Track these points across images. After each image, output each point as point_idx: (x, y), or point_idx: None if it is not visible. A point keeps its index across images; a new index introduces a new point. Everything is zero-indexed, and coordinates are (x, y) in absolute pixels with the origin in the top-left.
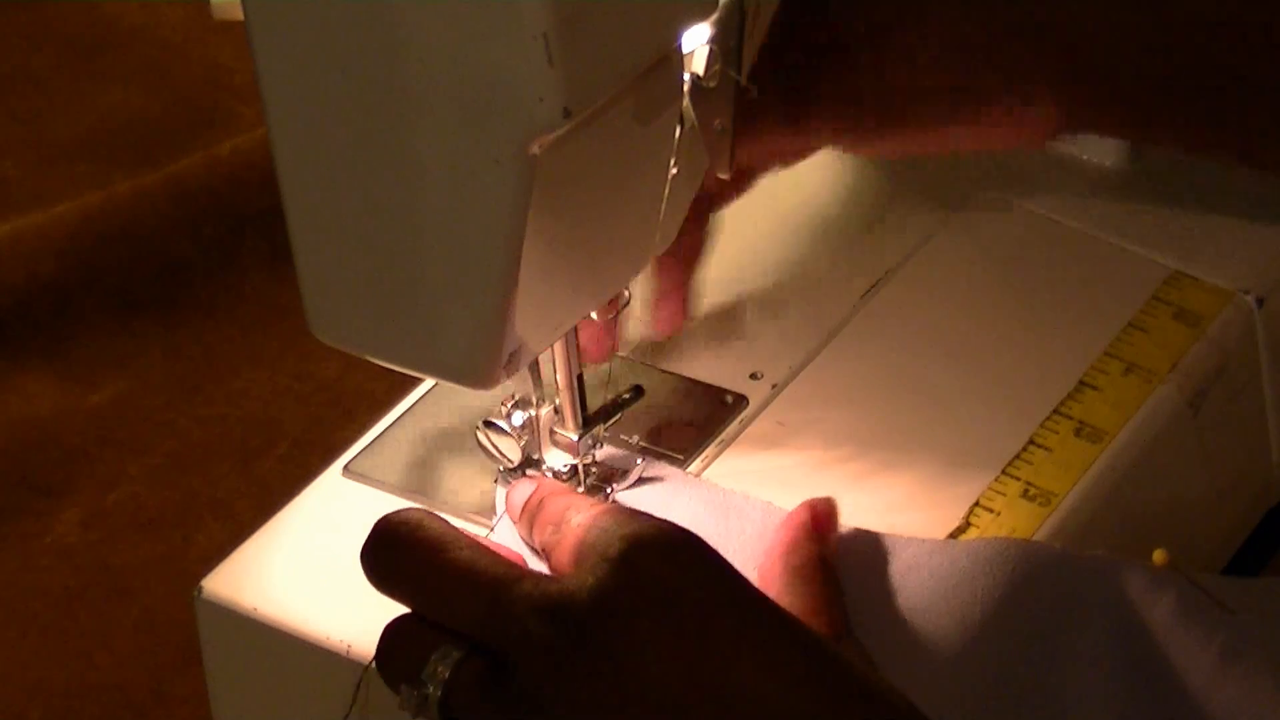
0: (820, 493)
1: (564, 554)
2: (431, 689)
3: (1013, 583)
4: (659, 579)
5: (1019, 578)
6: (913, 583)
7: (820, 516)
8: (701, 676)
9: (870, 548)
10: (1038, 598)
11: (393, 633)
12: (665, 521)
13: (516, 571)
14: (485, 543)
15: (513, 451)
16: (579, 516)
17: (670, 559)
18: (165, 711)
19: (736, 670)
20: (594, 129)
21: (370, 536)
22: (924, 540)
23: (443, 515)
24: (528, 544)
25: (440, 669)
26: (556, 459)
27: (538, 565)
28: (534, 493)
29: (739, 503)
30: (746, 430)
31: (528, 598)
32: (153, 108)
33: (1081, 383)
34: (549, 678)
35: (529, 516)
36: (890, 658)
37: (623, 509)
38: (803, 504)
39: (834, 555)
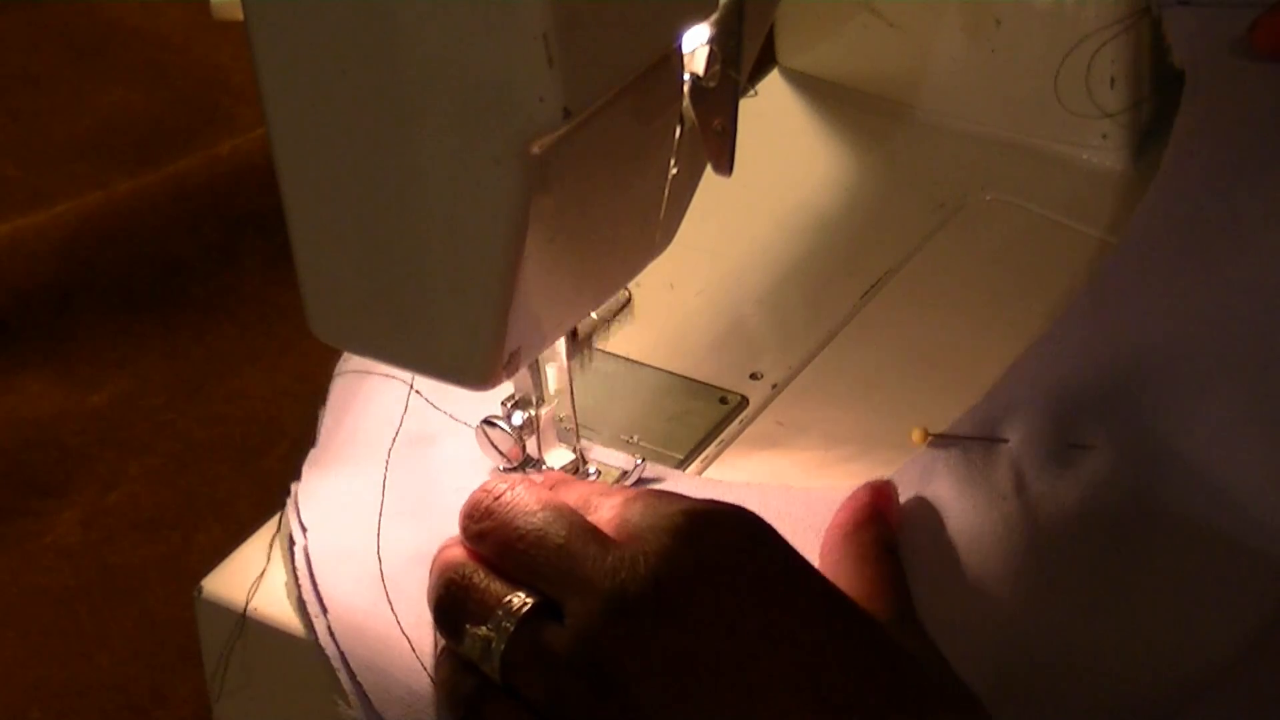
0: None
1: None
2: (495, 641)
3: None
4: (720, 546)
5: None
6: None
7: (882, 497)
8: (760, 630)
9: (928, 517)
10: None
11: (455, 579)
12: (713, 500)
13: (585, 532)
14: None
15: (513, 451)
16: (610, 500)
17: (728, 529)
18: (165, 711)
19: (794, 629)
20: (594, 129)
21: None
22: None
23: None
24: None
25: (505, 623)
26: (556, 458)
27: None
28: (544, 480)
29: (742, 495)
30: (746, 430)
31: (596, 559)
32: (153, 108)
33: None
34: (612, 636)
35: None
36: (952, 623)
37: (656, 492)
38: (864, 485)
39: (895, 536)
